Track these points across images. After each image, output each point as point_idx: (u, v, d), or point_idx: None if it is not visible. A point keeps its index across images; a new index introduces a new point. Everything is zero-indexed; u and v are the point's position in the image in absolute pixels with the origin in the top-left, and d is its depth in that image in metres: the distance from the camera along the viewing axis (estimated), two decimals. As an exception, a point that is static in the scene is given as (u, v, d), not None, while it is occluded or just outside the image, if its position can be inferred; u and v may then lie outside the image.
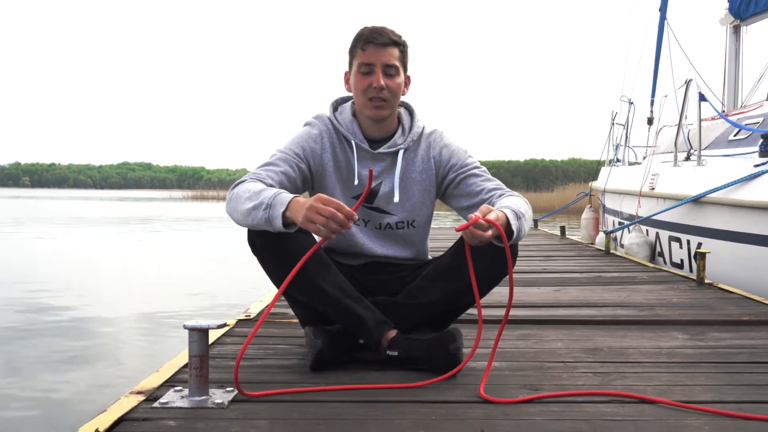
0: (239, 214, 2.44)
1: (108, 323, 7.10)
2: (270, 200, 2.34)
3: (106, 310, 7.80)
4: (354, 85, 2.73)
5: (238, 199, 2.45)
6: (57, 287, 9.56)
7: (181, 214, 33.30)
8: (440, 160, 2.81)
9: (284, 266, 2.45)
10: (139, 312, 7.70)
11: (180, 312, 7.65)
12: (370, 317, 2.52)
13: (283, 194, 2.35)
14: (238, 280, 9.94)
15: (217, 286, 9.88)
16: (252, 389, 2.24)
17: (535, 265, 6.50)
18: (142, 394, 2.21)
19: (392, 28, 2.70)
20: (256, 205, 2.36)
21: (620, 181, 9.86)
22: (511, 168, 65.78)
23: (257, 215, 2.36)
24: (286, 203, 2.31)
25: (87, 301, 8.45)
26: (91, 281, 10.53)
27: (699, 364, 2.70)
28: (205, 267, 12.53)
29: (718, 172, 6.34)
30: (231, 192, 2.52)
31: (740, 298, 4.41)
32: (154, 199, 64.91)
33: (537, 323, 3.59)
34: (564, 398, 2.20)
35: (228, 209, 2.51)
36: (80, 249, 15.60)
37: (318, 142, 2.75)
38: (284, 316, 3.60)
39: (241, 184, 2.51)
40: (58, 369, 5.31)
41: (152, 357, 5.55)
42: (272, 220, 2.32)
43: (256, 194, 2.40)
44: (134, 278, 10.83)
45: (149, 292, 9.27)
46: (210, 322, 2.09)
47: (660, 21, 10.30)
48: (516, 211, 2.42)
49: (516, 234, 2.37)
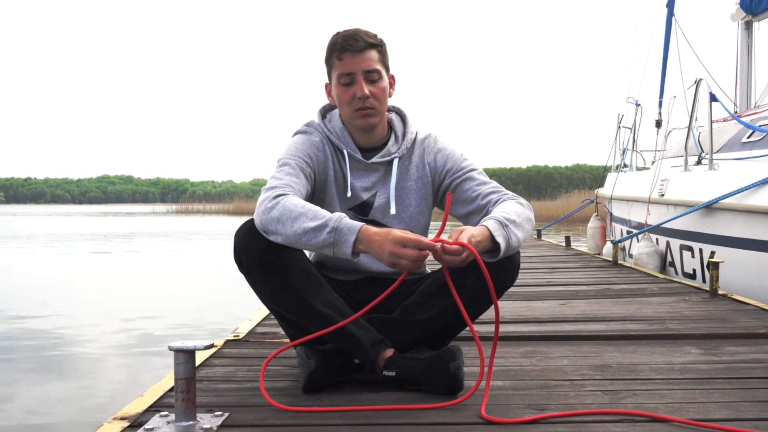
0: (292, 231, 2.38)
1: (89, 345, 7.07)
2: (336, 224, 2.34)
3: (88, 332, 7.77)
4: (337, 97, 2.72)
5: (288, 214, 2.40)
6: (36, 307, 9.52)
7: (166, 229, 33.24)
8: (435, 166, 2.82)
9: (272, 283, 2.46)
10: (122, 333, 7.68)
11: (166, 333, 7.63)
12: (365, 336, 2.52)
13: (346, 219, 2.36)
14: (227, 298, 9.92)
15: (204, 304, 9.85)
16: (242, 413, 2.25)
17: (539, 278, 6.51)
18: (125, 419, 2.20)
19: (366, 29, 2.70)
20: (319, 227, 2.35)
21: (628, 187, 9.88)
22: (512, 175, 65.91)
23: (318, 237, 2.35)
24: (356, 232, 2.32)
25: (67, 322, 8.42)
26: (72, 301, 10.49)
27: (713, 380, 2.71)
28: (191, 285, 12.51)
29: (731, 176, 6.36)
30: (272, 202, 2.44)
31: (756, 310, 4.42)
32: (137, 214, 64.78)
33: (542, 339, 3.60)
34: (571, 418, 2.20)
35: (269, 219, 2.43)
36: (59, 267, 15.55)
37: (321, 150, 2.75)
38: (274, 335, 3.61)
39: (284, 197, 2.45)
40: (37, 394, 5.29)
41: (137, 381, 5.54)
42: (339, 245, 2.32)
43: (314, 213, 2.38)
44: (117, 297, 10.79)
45: (133, 311, 9.24)
46: (196, 343, 2.09)
47: (667, 18, 10.33)
48: (502, 220, 2.43)
49: (505, 245, 2.39)
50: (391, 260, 2.26)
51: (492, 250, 2.42)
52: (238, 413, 2.25)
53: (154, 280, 13.37)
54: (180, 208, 71.97)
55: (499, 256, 2.42)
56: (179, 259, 18.01)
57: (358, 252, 2.34)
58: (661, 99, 10.66)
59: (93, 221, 45.83)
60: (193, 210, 67.56)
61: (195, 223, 41.15)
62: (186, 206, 73.11)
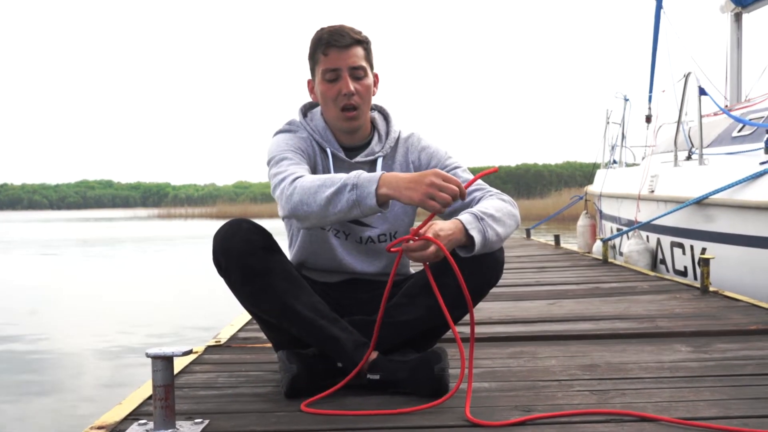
0: (317, 205, 2.37)
1: (67, 353, 7.06)
2: (355, 180, 2.33)
3: (65, 339, 7.76)
4: (321, 94, 2.71)
5: (307, 191, 2.39)
6: (12, 315, 9.50)
7: (147, 235, 33.14)
8: (419, 164, 2.82)
9: (251, 286, 2.46)
10: (101, 341, 7.65)
11: (147, 340, 7.60)
12: (348, 339, 2.52)
13: (364, 174, 2.35)
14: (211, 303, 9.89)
15: (187, 310, 9.84)
16: (223, 419, 2.25)
17: (527, 278, 6.53)
18: (103, 429, 2.20)
19: (351, 25, 2.70)
20: (339, 189, 2.33)
21: (617, 184, 9.91)
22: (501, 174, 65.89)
23: (341, 199, 2.33)
24: (377, 180, 2.31)
25: (44, 330, 8.40)
26: (48, 308, 10.45)
27: (703, 378, 2.72)
28: (173, 290, 12.47)
29: (722, 171, 6.38)
30: (290, 188, 2.43)
31: (747, 306, 4.45)
32: (117, 219, 64.57)
33: (530, 339, 3.61)
34: (558, 419, 2.21)
35: (293, 205, 2.42)
36: (37, 275, 15.49)
37: (310, 146, 2.74)
38: (256, 340, 3.60)
39: (300, 179, 2.44)
40: (13, 403, 5.27)
41: (115, 389, 5.52)
42: (362, 199, 2.31)
43: (331, 180, 2.37)
44: (96, 304, 10.76)
45: (112, 319, 9.21)
46: (174, 350, 2.09)
47: (656, 10, 10.34)
48: (478, 214, 2.44)
49: (480, 239, 2.39)
50: (423, 197, 2.25)
51: (467, 245, 2.41)
52: (219, 420, 2.25)
53: (135, 286, 13.32)
54: (162, 212, 71.74)
55: (475, 251, 2.42)
56: (161, 265, 17.97)
57: (385, 200, 2.32)
58: (651, 93, 10.68)
59: (72, 227, 45.63)
60: (175, 214, 67.31)
61: (178, 227, 41.02)
62: (168, 210, 72.84)
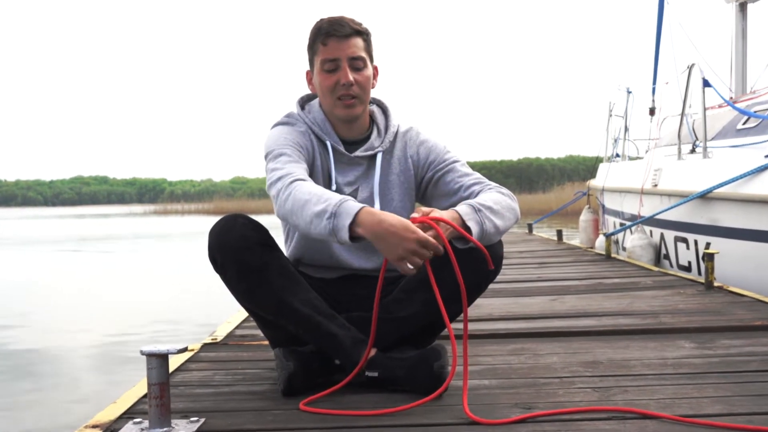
0: (302, 221, 2.36)
1: (62, 351, 7.06)
2: (335, 208, 2.29)
3: (60, 337, 7.75)
4: (319, 84, 2.71)
5: (298, 202, 2.37)
6: (7, 313, 9.50)
7: (143, 231, 33.14)
8: (418, 159, 2.82)
9: (247, 282, 2.46)
10: (96, 339, 7.65)
11: (142, 338, 7.60)
12: (346, 336, 2.52)
13: (349, 202, 2.30)
14: (206, 300, 9.89)
15: (182, 307, 9.83)
16: (219, 418, 2.25)
17: (529, 273, 6.53)
18: (98, 427, 2.20)
19: (351, 17, 2.70)
20: (320, 212, 2.30)
21: (620, 178, 9.90)
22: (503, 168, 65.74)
23: (320, 223, 2.30)
24: (353, 214, 2.27)
25: (38, 328, 8.41)
26: (43, 306, 10.44)
27: (707, 374, 2.72)
28: (170, 287, 12.47)
29: (726, 164, 6.38)
30: (286, 192, 2.42)
31: (752, 302, 4.44)
32: (113, 215, 64.57)
33: (531, 336, 3.61)
34: (559, 416, 2.21)
35: (285, 212, 2.43)
36: (32, 272, 15.49)
37: (308, 140, 2.73)
38: (253, 338, 3.60)
39: (296, 184, 2.43)
40: (6, 402, 5.28)
41: (110, 387, 5.52)
42: (337, 231, 2.27)
43: (318, 197, 2.34)
44: (91, 302, 10.76)
45: (107, 316, 9.22)
46: (170, 347, 2.09)
47: (659, 1, 10.34)
48: (475, 205, 2.44)
49: (477, 230, 2.39)
50: (396, 258, 2.25)
51: (464, 236, 2.42)
52: (215, 418, 2.25)
53: (130, 283, 13.32)
54: (158, 208, 71.62)
55: (472, 242, 2.41)
56: (157, 261, 17.96)
57: (358, 237, 2.28)
58: (654, 85, 10.67)
59: (67, 224, 45.65)
60: (171, 210, 67.22)
61: (174, 223, 41.03)
62: (164, 206, 72.73)
